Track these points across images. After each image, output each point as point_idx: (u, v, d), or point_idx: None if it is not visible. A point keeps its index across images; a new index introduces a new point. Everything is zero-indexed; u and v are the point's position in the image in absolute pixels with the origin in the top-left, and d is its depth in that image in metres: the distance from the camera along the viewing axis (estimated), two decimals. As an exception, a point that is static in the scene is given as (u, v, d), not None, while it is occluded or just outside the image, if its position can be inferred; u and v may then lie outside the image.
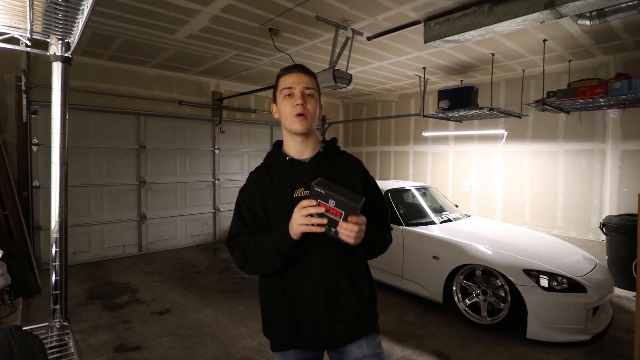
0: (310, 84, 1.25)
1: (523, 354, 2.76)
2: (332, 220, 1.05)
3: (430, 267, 3.50)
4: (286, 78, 1.25)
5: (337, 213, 1.03)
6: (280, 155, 1.29)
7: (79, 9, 1.09)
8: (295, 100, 1.22)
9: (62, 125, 1.33)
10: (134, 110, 5.39)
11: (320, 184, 1.05)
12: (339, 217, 1.03)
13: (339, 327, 1.21)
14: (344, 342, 1.23)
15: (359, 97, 7.74)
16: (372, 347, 1.24)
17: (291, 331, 1.22)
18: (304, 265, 1.20)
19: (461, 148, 6.19)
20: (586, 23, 3.02)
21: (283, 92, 1.24)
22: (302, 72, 1.26)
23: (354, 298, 1.22)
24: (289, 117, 1.22)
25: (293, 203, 1.17)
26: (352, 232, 1.03)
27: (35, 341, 1.07)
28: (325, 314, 1.20)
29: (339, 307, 1.21)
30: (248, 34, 3.91)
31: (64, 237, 1.36)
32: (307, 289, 1.21)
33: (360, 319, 1.23)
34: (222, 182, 6.46)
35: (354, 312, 1.22)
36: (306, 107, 1.22)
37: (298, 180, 1.23)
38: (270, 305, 1.26)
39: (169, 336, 3.00)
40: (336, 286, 1.21)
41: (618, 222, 4.05)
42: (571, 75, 4.70)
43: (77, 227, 4.92)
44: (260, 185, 1.27)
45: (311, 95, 1.24)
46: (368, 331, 1.25)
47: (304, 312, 1.21)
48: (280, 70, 1.30)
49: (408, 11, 3.28)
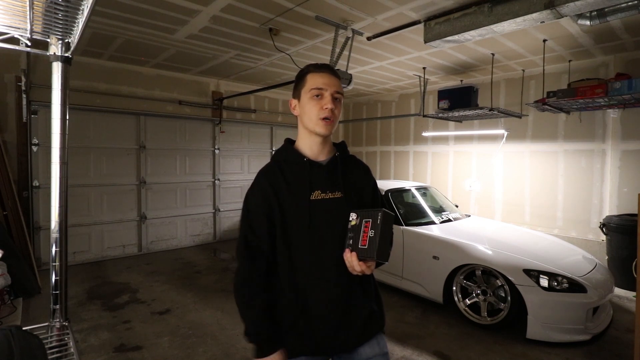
0: (339, 88, 1.22)
1: (523, 354, 2.76)
2: (357, 239, 1.11)
3: (430, 267, 3.50)
4: (316, 77, 1.20)
5: (364, 242, 1.10)
6: (296, 154, 1.24)
7: (79, 9, 1.09)
8: (325, 103, 1.18)
9: (62, 125, 1.33)
10: (134, 110, 5.39)
11: (386, 214, 1.11)
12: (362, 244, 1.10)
13: (352, 330, 1.20)
14: (357, 344, 1.22)
15: (359, 97, 7.74)
16: (382, 347, 1.26)
17: (304, 337, 1.18)
18: (316, 268, 1.18)
19: (461, 148, 6.19)
20: (586, 23, 3.02)
21: (312, 92, 1.19)
22: (333, 75, 1.22)
23: (365, 299, 1.22)
24: (315, 118, 1.18)
25: (311, 206, 1.17)
26: (351, 266, 1.11)
27: (35, 341, 1.07)
28: (339, 316, 1.19)
29: (351, 309, 1.20)
30: (248, 34, 3.91)
31: (64, 237, 1.36)
32: (324, 293, 1.18)
33: (371, 320, 1.24)
34: (222, 182, 6.46)
35: (366, 313, 1.22)
36: (334, 112, 1.19)
37: (315, 182, 1.21)
38: (283, 308, 1.19)
39: (169, 336, 3.00)
40: (348, 288, 1.20)
41: (618, 222, 4.05)
42: (571, 75, 4.70)
43: (77, 227, 4.92)
44: (275, 186, 1.20)
45: (338, 100, 1.21)
46: (379, 330, 1.27)
47: (318, 316, 1.18)
48: (310, 67, 1.24)
49: (408, 11, 3.28)
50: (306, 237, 1.18)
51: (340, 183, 1.24)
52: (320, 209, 1.19)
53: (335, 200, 1.22)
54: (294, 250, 1.18)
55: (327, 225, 1.19)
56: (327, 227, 1.19)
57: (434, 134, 6.46)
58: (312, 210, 1.17)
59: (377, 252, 1.06)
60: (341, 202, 1.22)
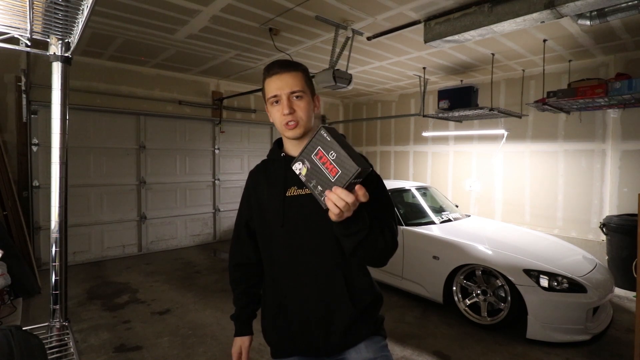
0: (296, 85, 1.12)
1: (523, 354, 2.76)
2: (323, 177, 0.87)
3: (430, 267, 3.50)
4: (270, 83, 1.14)
5: (333, 170, 0.85)
6: (277, 152, 1.25)
7: (79, 9, 1.08)
8: (282, 108, 1.11)
9: (62, 125, 1.32)
10: (134, 110, 5.39)
11: (329, 129, 0.88)
12: (333, 175, 0.85)
13: (332, 334, 1.14)
14: (340, 348, 1.16)
15: (359, 97, 7.74)
16: (373, 351, 1.16)
17: (286, 337, 1.19)
18: (295, 268, 1.16)
19: (461, 148, 6.19)
20: (586, 23, 3.02)
21: (269, 100, 1.15)
22: (284, 72, 1.12)
23: (351, 303, 1.14)
24: (280, 125, 1.15)
25: (285, 202, 1.15)
26: (340, 201, 0.84)
27: (35, 341, 1.07)
28: (318, 319, 1.14)
29: (332, 313, 1.14)
30: (248, 34, 3.91)
31: (64, 237, 1.36)
32: (299, 293, 1.16)
33: (357, 324, 1.15)
34: (222, 182, 6.46)
35: (350, 317, 1.14)
36: (296, 114, 1.11)
37: (291, 178, 1.15)
38: (265, 310, 1.26)
39: (169, 336, 3.00)
40: (330, 290, 1.14)
41: (618, 222, 4.04)
42: (571, 75, 4.70)
43: (77, 227, 4.92)
44: (256, 184, 1.26)
45: (300, 97, 1.12)
46: (369, 335, 1.17)
47: (296, 317, 1.17)
48: (264, 71, 1.17)
49: (408, 11, 3.28)
50: (281, 235, 1.17)
51: None
52: (295, 206, 1.15)
53: (312, 195, 1.08)
54: (273, 249, 1.20)
55: (302, 223, 1.15)
56: (302, 224, 1.15)
57: (434, 134, 6.46)
58: (286, 207, 1.15)
59: (355, 161, 0.82)
60: None
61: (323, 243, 1.13)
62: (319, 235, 1.13)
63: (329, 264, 1.14)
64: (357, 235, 0.95)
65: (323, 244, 1.13)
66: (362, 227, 0.94)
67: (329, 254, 1.14)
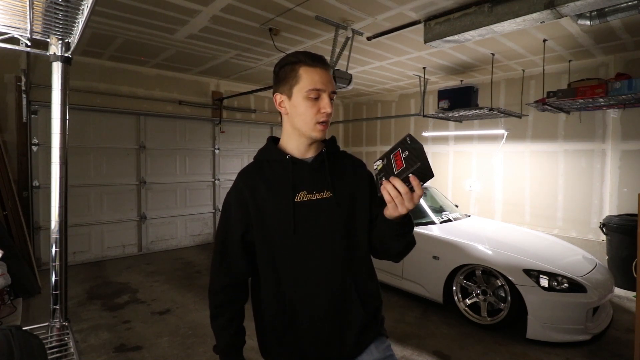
0: (334, 86, 1.08)
1: (523, 354, 2.76)
2: (390, 170, 0.94)
3: (430, 267, 3.50)
4: (312, 74, 1.03)
5: (399, 165, 0.92)
6: (279, 153, 1.12)
7: (79, 9, 1.08)
8: (324, 106, 1.04)
9: (62, 125, 1.32)
10: (134, 110, 5.39)
11: (412, 136, 0.96)
12: (397, 169, 0.92)
13: (347, 340, 1.09)
14: (353, 354, 1.12)
15: (359, 97, 7.74)
16: (382, 350, 1.14)
17: (292, 353, 1.10)
18: (304, 280, 1.07)
19: (461, 148, 6.19)
20: (586, 23, 3.02)
21: (309, 93, 1.03)
22: (327, 69, 1.06)
23: (362, 309, 1.10)
24: (311, 123, 1.05)
25: (295, 208, 1.05)
26: (393, 190, 0.88)
27: (35, 341, 1.07)
28: (332, 327, 1.08)
29: (346, 319, 1.09)
30: (248, 34, 3.91)
31: (64, 237, 1.36)
32: (309, 303, 1.07)
33: (368, 328, 1.13)
34: (222, 182, 6.46)
35: (362, 323, 1.10)
36: (330, 115, 1.07)
37: (300, 181, 1.08)
38: (269, 322, 1.12)
39: (169, 336, 3.00)
40: (343, 298, 1.09)
41: (618, 222, 4.04)
42: (571, 75, 4.70)
43: (77, 227, 4.92)
44: (253, 187, 1.09)
45: (332, 101, 1.07)
46: (376, 336, 1.16)
47: (308, 331, 1.08)
48: (300, 56, 1.05)
49: (408, 11, 3.28)
50: (292, 244, 1.06)
51: (329, 181, 1.10)
52: (306, 212, 1.07)
53: (323, 200, 1.09)
54: (279, 259, 1.07)
55: (316, 230, 1.07)
56: (316, 232, 1.07)
57: (434, 134, 6.46)
58: (297, 214, 1.05)
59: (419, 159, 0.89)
60: (331, 202, 1.09)
61: (335, 250, 1.08)
62: (331, 242, 1.08)
63: (341, 271, 1.09)
64: (408, 236, 1.02)
65: (335, 251, 1.08)
66: (412, 228, 1.01)
67: (341, 260, 1.09)
